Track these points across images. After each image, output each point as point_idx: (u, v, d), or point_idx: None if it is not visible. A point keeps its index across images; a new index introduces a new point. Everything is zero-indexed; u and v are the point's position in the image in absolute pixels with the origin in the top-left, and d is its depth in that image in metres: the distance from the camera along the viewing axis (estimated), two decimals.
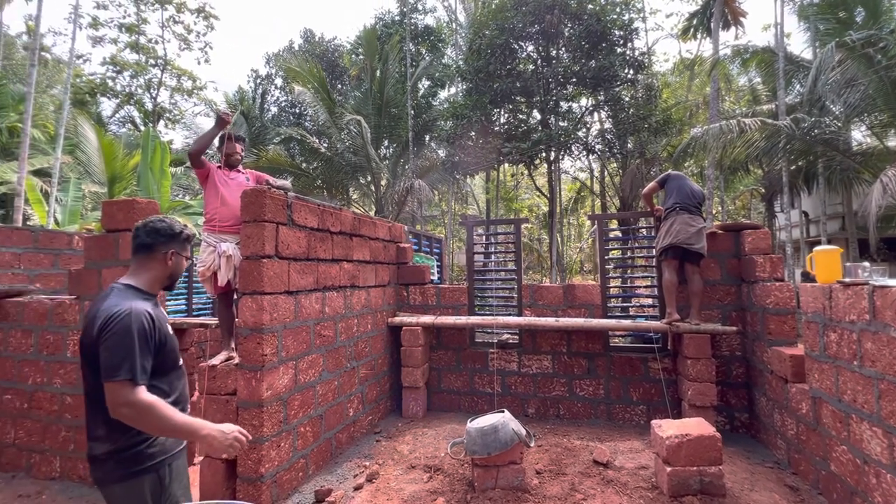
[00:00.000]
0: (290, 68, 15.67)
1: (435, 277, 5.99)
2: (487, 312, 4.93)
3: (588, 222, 27.05)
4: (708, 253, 4.04)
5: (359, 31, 18.96)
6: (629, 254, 6.37)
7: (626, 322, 4.29)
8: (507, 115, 13.67)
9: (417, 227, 15.32)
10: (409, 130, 14.05)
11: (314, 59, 17.02)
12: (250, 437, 1.63)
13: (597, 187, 20.02)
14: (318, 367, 3.45)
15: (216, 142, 3.45)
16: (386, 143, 16.50)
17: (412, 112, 14.40)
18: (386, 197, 14.77)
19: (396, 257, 5.08)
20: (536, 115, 13.52)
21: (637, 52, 12.05)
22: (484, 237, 5.69)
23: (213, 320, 3.74)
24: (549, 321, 4.31)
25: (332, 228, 3.75)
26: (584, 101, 14.29)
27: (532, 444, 3.07)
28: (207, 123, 20.41)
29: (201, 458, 3.13)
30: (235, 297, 3.19)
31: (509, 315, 4.75)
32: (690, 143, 10.04)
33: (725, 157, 11.00)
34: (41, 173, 12.79)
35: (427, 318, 4.66)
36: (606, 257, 4.80)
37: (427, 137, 16.61)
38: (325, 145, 15.78)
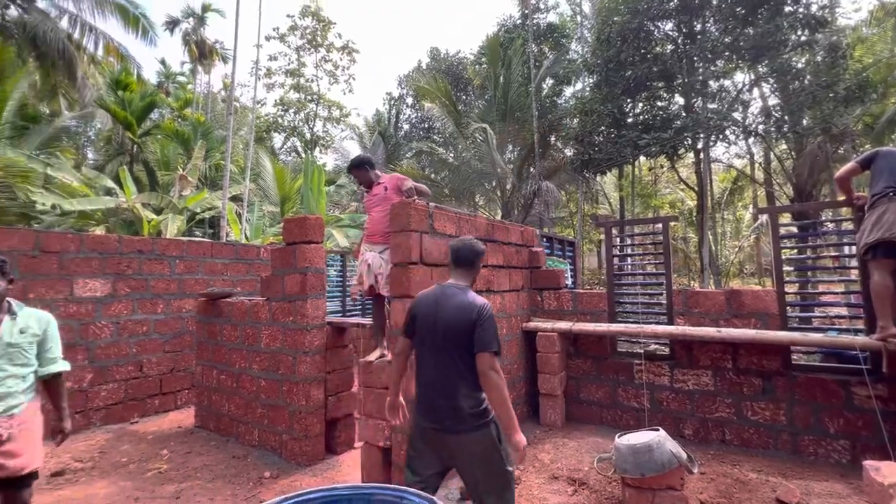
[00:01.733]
0: (419, 87, 16.85)
1: (569, 282, 5.77)
2: (631, 320, 4.55)
3: (748, 217, 23.17)
4: None
5: (482, 40, 19.46)
6: (809, 252, 5.25)
7: (817, 336, 3.52)
8: (642, 105, 12.53)
9: (545, 229, 14.97)
10: (534, 132, 13.87)
11: (440, 74, 18.00)
12: None
13: (759, 175, 17.05)
14: None
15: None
16: (510, 147, 16.56)
17: (536, 113, 14.19)
18: (512, 201, 14.79)
19: (529, 261, 5.03)
20: (679, 99, 12.13)
21: (814, 8, 9.92)
22: (624, 238, 5.29)
23: (367, 320, 4.19)
24: (709, 332, 3.78)
25: (468, 235, 3.88)
26: (739, 77, 12.34)
27: (695, 471, 2.72)
28: (353, 146, 23.10)
29: (362, 443, 3.52)
30: (387, 300, 3.52)
31: (657, 323, 4.31)
32: None
33: None
34: (235, 199, 16.00)
35: (563, 324, 4.50)
36: (783, 258, 4.02)
37: (552, 138, 16.17)
38: (452, 155, 16.51)
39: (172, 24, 21.97)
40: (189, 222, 12.67)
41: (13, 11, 14.82)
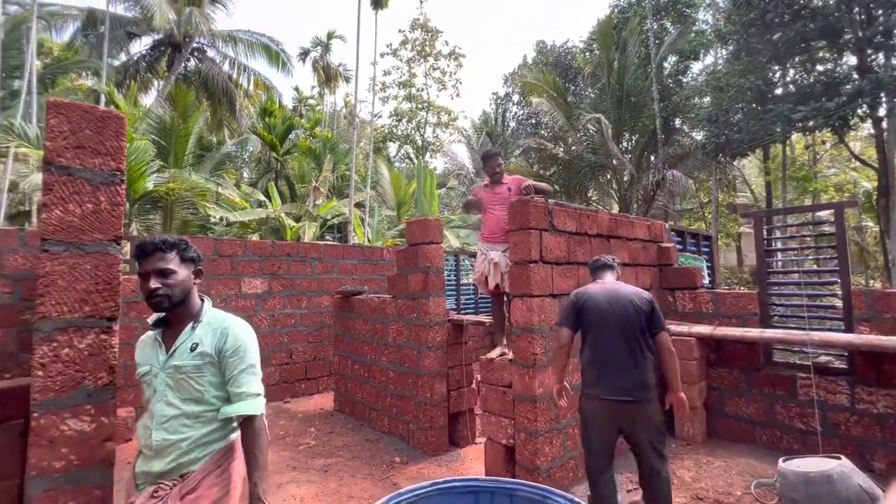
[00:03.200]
0: (525, 82, 16.58)
1: (706, 281, 5.12)
2: (792, 325, 3.87)
3: None
4: None
5: (592, 26, 18.39)
6: None
7: None
8: (795, 71, 10.59)
9: (670, 222, 13.55)
10: (655, 117, 12.65)
11: (547, 67, 17.47)
12: None
13: None
14: None
15: (477, 160, 3.92)
16: (627, 135, 15.35)
17: (657, 96, 12.91)
18: (630, 193, 13.70)
19: (657, 259, 4.60)
20: (850, 58, 9.97)
21: None
22: (773, 231, 4.51)
23: (485, 318, 4.25)
24: None
25: (590, 231, 3.70)
26: None
27: None
28: (460, 149, 23.71)
29: (483, 438, 3.58)
30: (506, 298, 3.53)
31: (827, 330, 3.59)
32: None
33: None
34: (358, 205, 17.52)
35: (702, 328, 4.02)
36: None
37: (677, 121, 14.57)
38: (562, 149, 15.90)
39: (304, 54, 24.99)
40: (321, 228, 14.28)
41: (191, 63, 18.32)
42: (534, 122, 21.08)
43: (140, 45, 18.13)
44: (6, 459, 2.55)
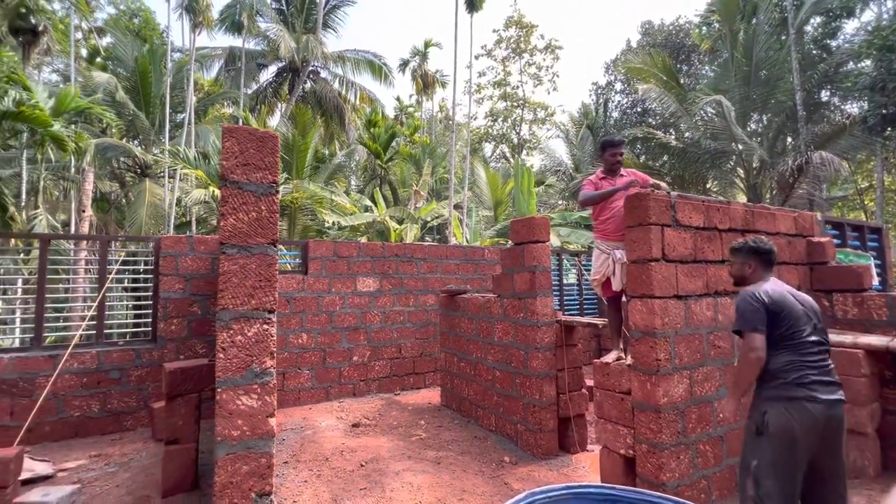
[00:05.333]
0: (630, 67, 15.41)
1: (875, 282, 4.24)
2: None
3: None
4: None
5: None
6: None
7: None
8: None
9: (817, 212, 11.50)
10: (794, 91, 10.86)
11: (656, 49, 16.04)
12: None
13: None
14: (714, 381, 3.09)
15: (594, 148, 3.73)
16: (755, 116, 13.42)
17: (797, 66, 11.05)
18: (761, 181, 11.94)
19: (807, 256, 3.94)
20: None
21: None
22: None
23: (598, 320, 4.04)
24: None
25: (720, 226, 3.30)
26: None
27: None
28: (558, 145, 22.94)
29: (597, 446, 3.40)
30: (624, 299, 3.32)
31: None
32: None
33: None
34: (456, 206, 17.90)
35: (875, 339, 3.33)
36: None
37: (825, 93, 12.34)
38: (673, 137, 14.46)
39: (404, 65, 26.31)
40: (422, 229, 14.88)
41: (307, 85, 20.42)
42: (639, 110, 19.53)
43: (267, 74, 20.75)
44: (188, 426, 3.09)
